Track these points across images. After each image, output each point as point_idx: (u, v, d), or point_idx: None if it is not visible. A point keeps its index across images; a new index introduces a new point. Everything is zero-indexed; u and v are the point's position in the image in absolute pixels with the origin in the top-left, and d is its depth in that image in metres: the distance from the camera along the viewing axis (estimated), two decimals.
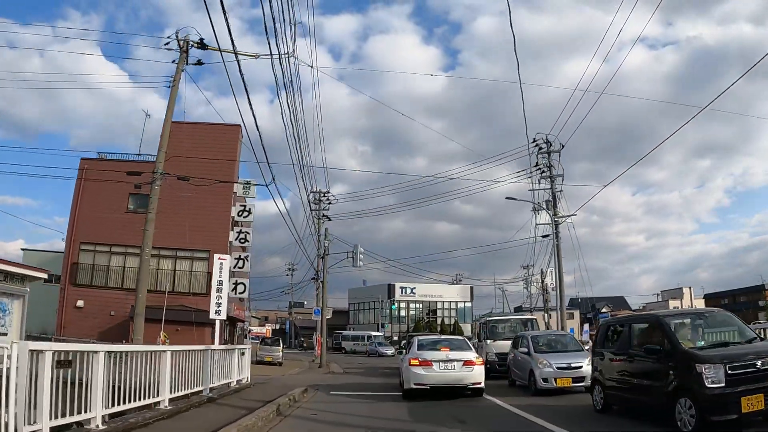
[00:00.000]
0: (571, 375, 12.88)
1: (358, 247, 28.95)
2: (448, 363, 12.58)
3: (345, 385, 17.78)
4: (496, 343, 19.05)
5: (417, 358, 12.81)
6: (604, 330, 10.78)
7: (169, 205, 28.48)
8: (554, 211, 33.12)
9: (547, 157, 33.69)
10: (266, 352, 30.18)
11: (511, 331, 19.95)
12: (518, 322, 20.53)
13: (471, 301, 68.52)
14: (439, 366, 12.54)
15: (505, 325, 20.66)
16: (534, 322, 20.56)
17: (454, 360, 12.61)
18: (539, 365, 13.09)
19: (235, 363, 14.51)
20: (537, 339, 14.67)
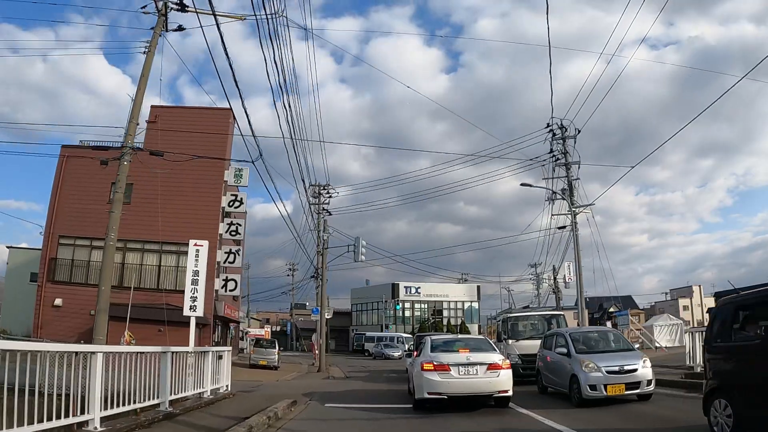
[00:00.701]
0: (624, 381, 10.21)
1: (359, 240, 26.31)
2: (469, 367, 10.24)
3: (345, 394, 15.12)
4: (519, 344, 16.46)
5: (431, 362, 10.45)
6: (730, 312, 6.81)
7: (153, 196, 25.98)
8: (571, 201, 30.60)
9: (563, 143, 31.19)
10: (261, 356, 27.59)
11: (534, 329, 17.31)
12: (543, 319, 17.81)
13: (478, 300, 65.58)
14: (458, 371, 10.20)
15: (528, 323, 17.84)
16: (561, 319, 17.83)
17: (476, 363, 10.27)
18: (584, 369, 10.41)
19: (209, 368, 11.83)
20: (577, 337, 11.92)
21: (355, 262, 26.27)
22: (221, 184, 25.98)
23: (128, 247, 25.50)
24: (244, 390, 15.05)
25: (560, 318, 17.85)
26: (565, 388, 11.06)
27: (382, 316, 62.55)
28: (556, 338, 12.42)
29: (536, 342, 15.71)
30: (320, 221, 29.48)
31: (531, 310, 21.03)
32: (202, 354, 11.85)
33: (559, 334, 12.46)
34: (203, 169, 26.14)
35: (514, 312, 19.49)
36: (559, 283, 42.09)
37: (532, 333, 17.07)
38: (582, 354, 10.98)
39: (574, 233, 27.22)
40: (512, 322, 17.44)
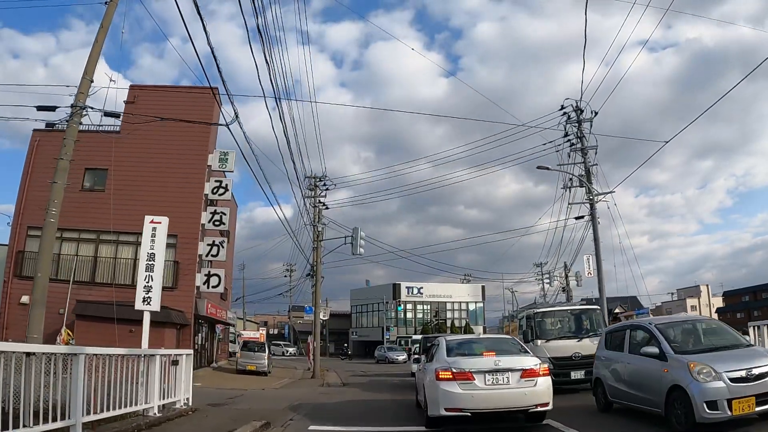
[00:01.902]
0: (754, 391, 6.76)
1: (358, 231, 23.38)
2: (498, 375, 7.98)
3: (338, 409, 12.21)
4: (550, 344, 13.54)
5: (449, 369, 8.15)
6: None
7: (130, 183, 23.17)
8: (589, 188, 27.75)
9: (578, 127, 28.35)
10: (249, 360, 24.59)
11: (566, 326, 14.41)
12: (576, 315, 14.73)
13: (483, 301, 62.41)
14: (485, 380, 7.95)
15: (558, 319, 14.72)
16: (597, 315, 14.80)
17: (507, 370, 8.00)
18: (698, 377, 6.92)
19: (155, 378, 8.93)
20: (669, 330, 8.32)
21: (354, 255, 23.41)
22: (204, 169, 23.13)
23: (101, 239, 22.62)
24: (215, 402, 12.19)
25: (596, 313, 14.85)
26: (658, 406, 7.70)
27: (382, 318, 59.45)
28: (632, 333, 8.99)
29: (569, 342, 13.61)
30: (316, 213, 26.57)
31: (561, 304, 17.72)
32: (146, 359, 8.94)
33: (638, 327, 9.00)
34: (184, 152, 23.40)
35: (542, 306, 16.19)
36: (570, 280, 39.17)
37: (564, 331, 14.25)
38: (686, 354, 7.48)
39: (596, 222, 24.41)
40: (539, 319, 14.26)
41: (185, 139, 23.54)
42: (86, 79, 13.80)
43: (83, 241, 23.15)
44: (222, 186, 23.03)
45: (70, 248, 23.59)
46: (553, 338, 13.76)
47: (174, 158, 23.20)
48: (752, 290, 70.82)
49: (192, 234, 22.21)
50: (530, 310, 15.24)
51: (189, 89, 24.90)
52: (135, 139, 23.75)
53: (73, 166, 23.72)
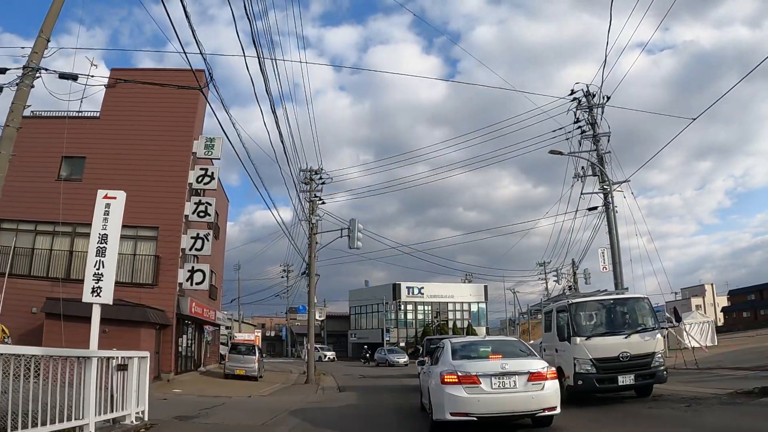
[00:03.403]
0: None
1: (355, 223, 21.32)
2: (504, 378, 7.79)
3: (332, 422, 10.11)
4: (592, 343, 10.79)
5: (454, 373, 7.93)
6: None
7: (109, 172, 21.12)
8: (602, 177, 25.75)
9: (589, 113, 26.37)
10: (237, 363, 22.23)
11: (612, 320, 11.54)
12: (623, 305, 11.78)
13: (485, 301, 60.16)
14: (491, 383, 7.75)
15: (601, 311, 11.70)
16: (646, 305, 11.61)
17: (514, 373, 7.80)
18: None
19: (91, 387, 6.84)
20: None
21: (350, 248, 21.32)
22: (188, 156, 21.05)
23: (77, 232, 20.52)
24: (184, 415, 10.11)
25: (644, 304, 11.64)
26: None
27: (382, 319, 57.17)
28: None
29: (615, 339, 10.74)
30: (311, 206, 24.49)
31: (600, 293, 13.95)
32: (80, 363, 6.87)
33: None
34: (167, 138, 21.40)
35: (579, 296, 13.06)
36: (578, 278, 37.09)
37: (608, 326, 11.35)
38: None
39: (612, 212, 22.41)
40: (577, 311, 11.34)
41: (168, 125, 21.56)
42: (42, 38, 11.95)
43: (59, 235, 21.03)
44: (208, 174, 20.97)
45: (45, 242, 21.51)
46: (594, 334, 10.95)
47: (156, 145, 21.18)
48: (758, 288, 68.71)
49: (174, 226, 20.16)
50: (563, 302, 12.28)
51: (174, 71, 22.84)
52: (115, 125, 21.78)
53: (50, 155, 21.89)
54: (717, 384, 12.97)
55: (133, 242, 20.36)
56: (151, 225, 20.31)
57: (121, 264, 20.40)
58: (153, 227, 20.30)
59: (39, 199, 21.02)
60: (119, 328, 17.18)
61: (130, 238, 20.42)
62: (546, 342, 12.86)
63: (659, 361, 10.68)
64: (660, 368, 10.60)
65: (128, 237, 20.45)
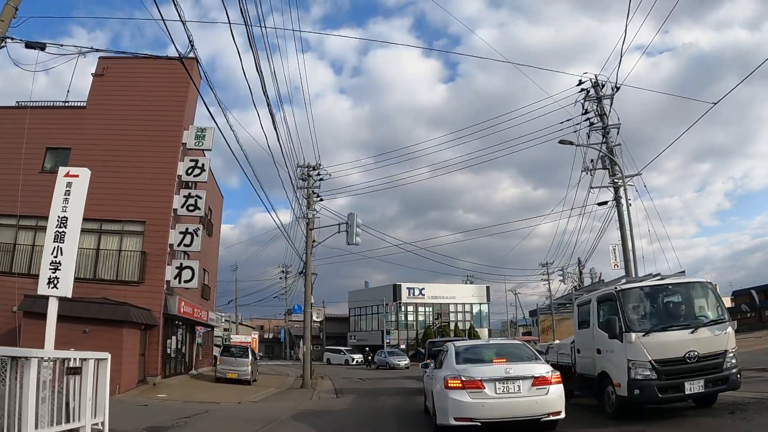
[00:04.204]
0: None
1: (354, 218, 20.01)
2: (509, 383, 7.63)
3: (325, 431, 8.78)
4: (652, 340, 8.36)
5: (458, 377, 7.82)
6: None
7: (95, 164, 19.85)
8: (612, 170, 24.52)
9: (598, 104, 25.17)
10: (229, 367, 20.80)
11: (672, 312, 9.04)
12: (685, 292, 9.27)
13: (488, 302, 58.72)
14: (495, 388, 7.61)
15: (658, 301, 9.20)
16: (712, 291, 9.25)
17: (518, 378, 7.65)
18: None
19: (29, 395, 5.53)
20: None
21: (349, 245, 20.04)
22: (178, 147, 19.78)
23: None
24: (158, 425, 8.87)
25: (710, 289, 9.32)
26: None
27: (382, 321, 55.77)
28: None
29: (679, 335, 8.41)
30: (309, 200, 23.22)
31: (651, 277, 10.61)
32: (13, 365, 5.56)
33: None
34: (156, 128, 20.12)
35: (633, 282, 10.58)
36: (584, 277, 35.78)
37: (668, 318, 8.89)
38: None
39: (626, 204, 21.14)
40: (629, 300, 8.97)
41: (157, 114, 20.32)
42: (10, 5, 10.85)
43: (41, 230, 19.63)
44: (198, 166, 19.70)
45: (27, 238, 20.19)
46: (655, 329, 8.48)
47: (144, 135, 19.91)
48: (763, 289, 67.28)
49: (162, 220, 18.87)
50: (608, 290, 9.80)
51: (165, 59, 21.58)
52: (101, 115, 20.54)
53: (33, 146, 20.59)
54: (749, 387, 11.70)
55: (118, 237, 19.06)
56: (138, 219, 19.03)
57: (105, 260, 19.24)
58: (140, 221, 19.02)
59: (22, 193, 19.73)
60: (100, 328, 15.92)
61: (115, 233, 19.17)
62: (581, 341, 10.55)
63: (732, 362, 8.35)
64: (733, 371, 8.32)
65: (114, 232, 19.21)
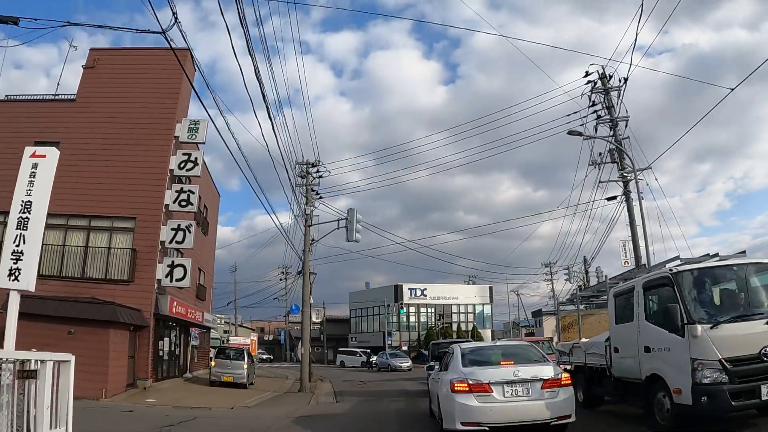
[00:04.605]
0: None
1: (354, 213, 19.07)
2: (517, 386, 7.26)
3: None
4: (720, 334, 6.65)
5: (465, 381, 7.43)
6: None
7: (85, 158, 19.00)
8: (621, 164, 23.63)
9: (605, 96, 24.30)
10: (224, 370, 19.69)
11: (744, 299, 7.24)
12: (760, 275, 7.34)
13: (491, 303, 57.66)
14: (503, 392, 7.24)
15: (723, 286, 7.57)
16: None
17: (527, 380, 7.27)
18: None
19: None
20: None
21: (348, 241, 19.06)
22: (170, 140, 18.86)
23: (49, 224, 18.12)
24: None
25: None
26: None
27: (384, 322, 54.76)
28: None
29: (755, 326, 6.70)
30: (307, 196, 22.29)
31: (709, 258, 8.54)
32: None
33: None
34: (147, 121, 19.19)
35: (691, 263, 8.25)
36: (590, 276, 34.80)
37: (740, 307, 7.14)
38: None
39: (637, 200, 20.21)
40: (691, 286, 7.25)
41: (149, 107, 19.40)
42: None
43: None
44: (191, 159, 18.78)
45: None
46: (724, 320, 6.77)
47: (135, 128, 18.99)
48: None
49: (153, 216, 17.93)
50: (660, 273, 7.92)
51: (157, 50, 20.70)
52: (91, 108, 19.61)
53: (20, 141, 19.67)
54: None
55: (107, 234, 18.12)
56: (128, 216, 18.09)
57: (94, 259, 18.30)
58: (130, 218, 18.08)
59: (9, 188, 18.83)
60: (86, 329, 14.96)
61: (104, 229, 18.22)
62: (620, 338, 8.80)
63: None
64: None
65: (103, 229, 18.27)
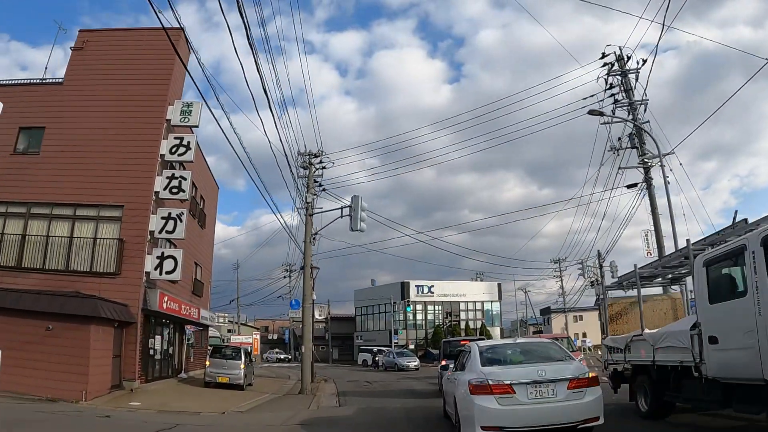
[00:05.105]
0: None
1: (359, 201, 17.60)
2: (542, 387, 6.53)
3: None
4: None
5: (484, 382, 6.68)
6: None
7: (71, 144, 17.66)
8: (642, 149, 22.14)
9: (623, 78, 22.78)
10: (219, 370, 18.12)
11: None
12: None
13: (499, 300, 55.97)
14: (527, 393, 6.50)
15: None
16: None
17: (552, 380, 6.55)
18: None
19: None
20: None
21: (352, 231, 17.58)
22: (161, 123, 17.48)
23: (32, 213, 16.93)
24: None
25: None
26: None
27: (390, 320, 53.19)
28: None
29: None
30: (309, 179, 20.86)
31: None
32: None
33: None
34: (138, 105, 17.84)
35: None
36: (605, 270, 33.06)
37: None
38: None
39: (664, 185, 18.64)
40: None
41: (140, 89, 18.04)
42: None
43: (11, 216, 17.34)
44: (183, 144, 17.39)
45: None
46: None
47: (124, 111, 17.65)
48: None
49: (142, 204, 16.55)
50: None
51: (149, 30, 19.33)
52: (79, 91, 18.31)
53: (5, 126, 18.33)
54: None
55: (93, 224, 16.73)
56: (116, 204, 16.71)
57: (79, 250, 16.89)
58: (117, 206, 16.69)
59: None
60: (66, 325, 13.58)
61: (90, 219, 16.84)
62: (717, 323, 6.69)
63: None
64: None
65: (89, 218, 16.88)
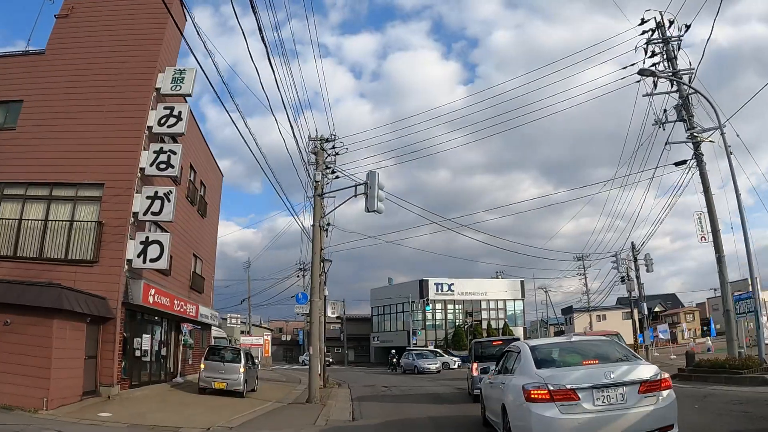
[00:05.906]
0: None
1: (375, 177, 14.98)
2: (609, 391, 5.29)
3: None
4: None
5: (543, 387, 5.37)
6: None
7: (48, 116, 15.33)
8: (690, 123, 19.41)
9: (665, 46, 20.03)
10: (215, 374, 15.58)
11: None
12: None
13: (522, 298, 52.80)
14: (593, 399, 5.26)
15: None
16: None
17: (621, 384, 5.33)
18: None
19: None
20: None
21: (368, 211, 14.99)
22: (149, 92, 15.13)
23: (5, 194, 14.64)
24: None
25: None
26: None
27: (408, 320, 50.41)
28: None
29: None
30: (318, 154, 18.39)
31: None
32: None
33: None
34: (124, 72, 15.50)
35: None
36: (640, 265, 30.07)
37: None
38: None
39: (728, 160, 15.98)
40: None
41: (127, 55, 15.76)
42: None
43: None
44: (173, 114, 15.01)
45: None
46: None
47: (109, 81, 15.34)
48: None
49: (125, 182, 14.18)
50: None
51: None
52: (62, 61, 16.06)
53: None
54: None
55: (71, 205, 14.38)
56: (95, 181, 14.36)
57: (55, 235, 14.54)
58: (98, 184, 14.35)
59: None
60: (26, 319, 11.17)
61: (68, 199, 14.49)
62: None
63: None
64: None
65: (66, 198, 14.53)
